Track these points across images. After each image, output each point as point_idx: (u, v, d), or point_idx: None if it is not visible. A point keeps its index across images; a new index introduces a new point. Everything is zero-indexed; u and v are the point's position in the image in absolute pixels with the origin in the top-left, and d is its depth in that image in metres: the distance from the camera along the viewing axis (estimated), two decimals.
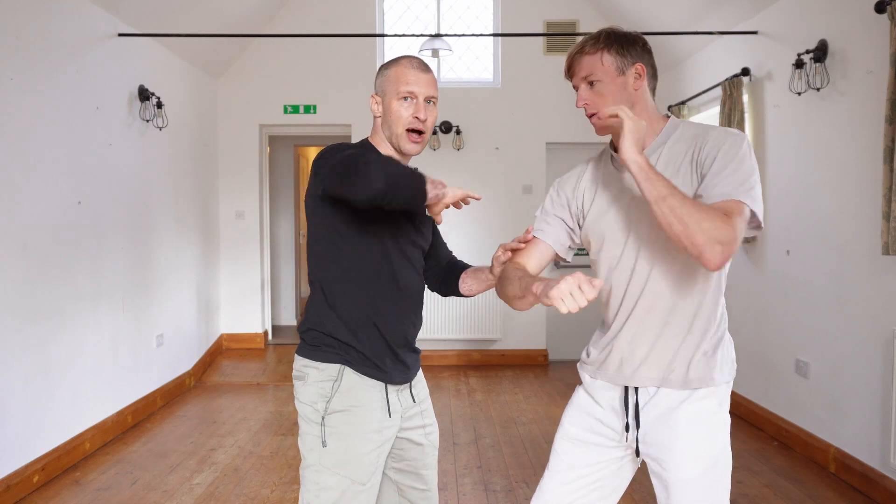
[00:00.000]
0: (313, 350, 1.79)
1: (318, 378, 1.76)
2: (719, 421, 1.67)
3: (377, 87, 1.84)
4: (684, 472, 1.64)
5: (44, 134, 3.65)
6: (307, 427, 1.77)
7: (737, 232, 1.45)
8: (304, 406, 1.78)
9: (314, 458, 1.75)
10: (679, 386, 1.66)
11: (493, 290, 6.47)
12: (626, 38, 1.68)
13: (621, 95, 1.66)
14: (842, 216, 3.61)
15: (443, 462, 3.91)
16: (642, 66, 1.67)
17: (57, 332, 3.74)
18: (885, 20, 3.18)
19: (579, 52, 1.70)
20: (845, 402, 3.59)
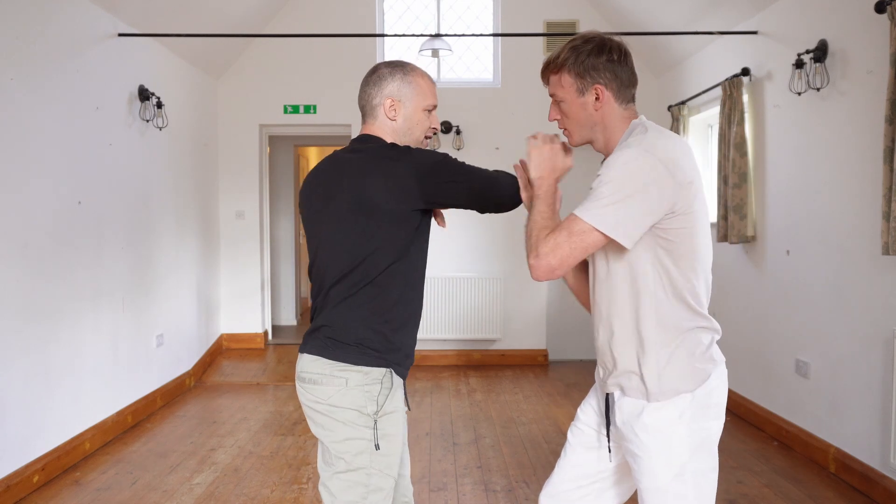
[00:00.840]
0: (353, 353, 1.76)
1: (364, 381, 1.75)
2: (680, 433, 1.63)
3: (395, 93, 1.85)
4: (648, 481, 1.67)
5: (44, 134, 3.65)
6: (351, 431, 1.75)
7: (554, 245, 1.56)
8: (345, 411, 1.75)
9: (364, 461, 1.74)
10: (635, 395, 1.68)
11: (493, 289, 6.47)
12: (587, 55, 1.65)
13: (582, 115, 1.70)
14: (842, 216, 3.60)
15: (443, 462, 3.91)
16: (601, 88, 1.66)
17: (57, 331, 3.74)
18: (885, 20, 3.18)
19: (545, 69, 1.74)
20: (845, 402, 3.59)
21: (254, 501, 3.35)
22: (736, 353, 4.71)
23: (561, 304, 6.70)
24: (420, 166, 1.74)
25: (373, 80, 1.88)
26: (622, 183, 1.54)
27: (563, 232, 1.57)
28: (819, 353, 3.82)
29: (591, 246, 1.57)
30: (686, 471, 1.64)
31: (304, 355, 1.82)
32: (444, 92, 6.53)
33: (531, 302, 6.62)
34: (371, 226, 1.75)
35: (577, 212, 1.57)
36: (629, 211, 1.54)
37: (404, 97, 1.85)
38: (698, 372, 1.65)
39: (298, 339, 7.32)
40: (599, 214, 1.54)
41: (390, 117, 1.86)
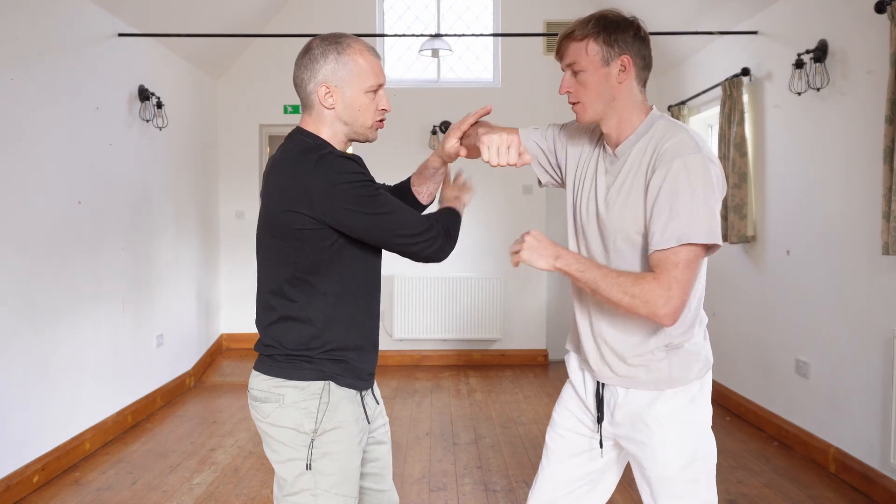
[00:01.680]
0: (288, 368, 1.66)
1: (300, 397, 1.64)
2: (692, 417, 1.67)
3: (330, 78, 1.65)
4: (663, 470, 1.67)
5: (44, 134, 3.65)
6: (290, 452, 1.64)
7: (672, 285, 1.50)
8: (283, 430, 1.65)
9: (307, 483, 1.63)
10: (645, 387, 1.67)
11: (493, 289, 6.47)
12: (616, 26, 1.60)
13: (603, 87, 1.62)
14: (842, 216, 3.60)
15: (443, 462, 3.91)
16: (628, 59, 1.60)
17: (57, 331, 3.74)
18: (885, 20, 3.18)
19: (568, 37, 1.65)
20: (845, 402, 3.59)
21: (254, 501, 3.35)
22: (736, 353, 4.72)
23: (561, 304, 6.70)
24: (316, 184, 1.56)
25: (304, 62, 1.69)
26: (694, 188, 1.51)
27: (677, 267, 1.50)
28: (819, 353, 3.82)
29: (700, 262, 1.55)
30: (697, 456, 1.66)
31: (252, 371, 1.76)
32: (444, 92, 6.55)
33: (531, 302, 6.62)
34: (276, 241, 1.65)
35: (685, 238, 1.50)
36: (710, 213, 1.52)
37: (341, 81, 1.65)
38: (706, 359, 1.70)
39: None
40: (696, 229, 1.50)
41: (327, 106, 1.67)
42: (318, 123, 1.70)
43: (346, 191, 1.57)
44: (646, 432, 1.66)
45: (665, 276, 1.50)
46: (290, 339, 1.67)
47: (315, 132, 1.71)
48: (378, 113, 1.72)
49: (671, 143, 1.55)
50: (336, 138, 1.72)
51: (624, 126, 1.65)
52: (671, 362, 1.64)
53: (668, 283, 1.50)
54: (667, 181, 1.52)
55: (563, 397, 1.87)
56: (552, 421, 1.86)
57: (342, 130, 1.71)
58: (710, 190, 1.52)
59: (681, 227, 1.49)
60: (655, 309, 1.50)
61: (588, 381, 1.80)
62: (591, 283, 1.56)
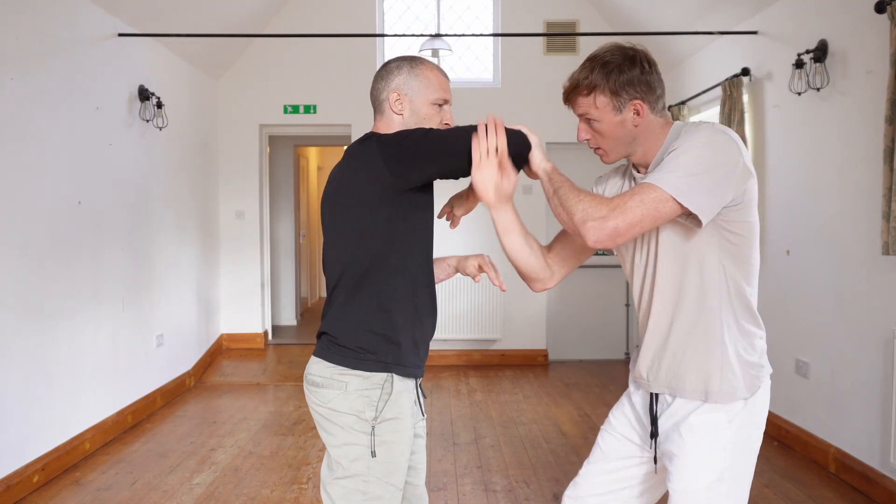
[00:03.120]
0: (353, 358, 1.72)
1: (363, 386, 1.70)
2: (728, 438, 1.61)
3: (402, 87, 1.79)
4: (684, 483, 1.64)
5: (44, 134, 3.65)
6: (349, 436, 1.71)
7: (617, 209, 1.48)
8: (344, 415, 1.71)
9: (360, 468, 1.70)
10: (690, 396, 1.65)
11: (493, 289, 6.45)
12: (619, 71, 1.58)
13: (621, 132, 1.63)
14: (842, 216, 3.60)
15: (443, 462, 3.91)
16: (640, 104, 1.60)
17: (57, 331, 3.74)
18: (885, 20, 3.18)
19: (572, 91, 1.66)
20: (845, 402, 3.59)
21: (254, 501, 3.35)
22: None
23: (561, 304, 6.71)
24: (383, 144, 1.66)
25: (381, 74, 1.84)
26: (701, 156, 1.49)
27: (634, 197, 1.48)
28: (819, 353, 3.82)
29: (665, 216, 1.49)
30: (724, 477, 1.61)
31: (312, 357, 1.80)
32: None
33: (531, 302, 6.62)
34: (356, 220, 1.71)
35: (652, 180, 1.49)
36: (707, 185, 1.48)
37: (411, 90, 1.79)
38: (754, 379, 1.64)
39: (298, 340, 7.34)
40: (678, 185, 1.47)
41: (396, 111, 1.80)
42: (386, 129, 1.82)
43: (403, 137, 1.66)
44: (678, 443, 1.64)
45: (620, 198, 1.50)
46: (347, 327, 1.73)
47: None
48: (442, 126, 1.82)
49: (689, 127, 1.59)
50: None
51: (651, 150, 1.66)
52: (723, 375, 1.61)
53: (615, 203, 1.50)
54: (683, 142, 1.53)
55: (621, 400, 1.86)
56: (607, 421, 1.87)
57: None
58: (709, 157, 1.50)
59: (663, 172, 1.50)
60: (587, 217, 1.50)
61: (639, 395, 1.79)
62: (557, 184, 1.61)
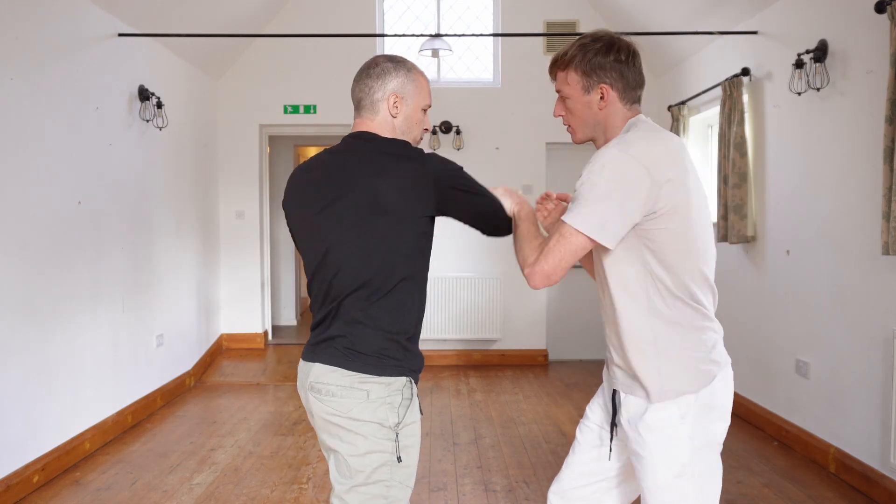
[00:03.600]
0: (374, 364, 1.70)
1: (385, 392, 1.70)
2: (683, 434, 1.64)
3: (399, 89, 1.81)
4: (649, 480, 1.68)
5: (44, 134, 3.65)
6: (372, 444, 1.69)
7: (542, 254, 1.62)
8: (367, 424, 1.69)
9: (384, 474, 1.70)
10: (639, 394, 1.69)
11: (493, 290, 6.46)
12: (594, 54, 1.65)
13: (587, 114, 1.71)
14: (842, 216, 3.60)
15: (443, 462, 3.91)
16: (607, 88, 1.67)
17: (57, 331, 3.74)
18: (885, 20, 3.18)
19: (553, 65, 1.75)
20: (845, 402, 3.59)
21: (254, 501, 3.35)
22: (736, 353, 4.70)
23: (561, 304, 6.70)
24: (440, 172, 1.73)
25: (375, 72, 1.81)
26: (598, 183, 1.56)
27: (553, 237, 1.62)
28: (819, 353, 3.82)
29: (579, 248, 1.59)
30: (685, 472, 1.64)
31: (318, 365, 1.73)
32: (444, 92, 6.54)
33: (531, 302, 6.62)
34: (385, 229, 1.69)
35: (564, 217, 1.61)
36: (607, 211, 1.56)
37: (407, 94, 1.82)
38: (702, 373, 1.65)
39: (298, 340, 7.33)
40: (581, 216, 1.57)
41: (393, 114, 1.81)
42: (383, 129, 1.83)
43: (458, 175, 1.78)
44: (639, 441, 1.68)
45: (546, 241, 1.65)
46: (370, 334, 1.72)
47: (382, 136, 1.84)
48: (423, 132, 1.91)
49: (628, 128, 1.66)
50: None
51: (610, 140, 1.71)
52: (662, 372, 1.64)
53: (544, 247, 1.63)
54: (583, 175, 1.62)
55: (596, 395, 1.92)
56: (585, 415, 1.92)
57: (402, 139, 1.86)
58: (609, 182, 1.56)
59: (572, 204, 1.61)
60: (524, 265, 1.67)
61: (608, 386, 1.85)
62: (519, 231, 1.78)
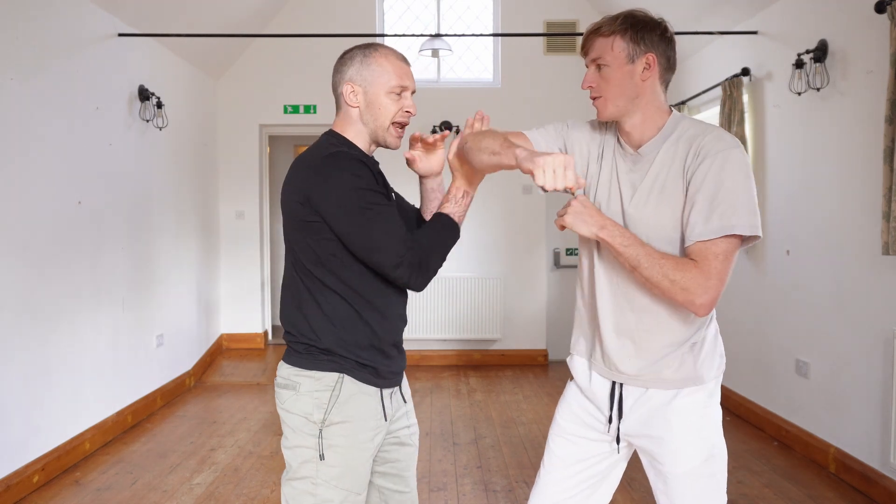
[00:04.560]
0: (307, 358, 1.71)
1: (314, 388, 1.69)
2: (710, 414, 1.69)
3: (355, 77, 1.74)
4: (681, 465, 1.66)
5: (44, 134, 3.65)
6: (299, 439, 1.70)
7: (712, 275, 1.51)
8: (295, 417, 1.70)
9: (309, 471, 1.68)
10: (666, 386, 1.67)
11: (493, 289, 6.45)
12: (643, 25, 1.62)
13: (626, 84, 1.62)
14: (842, 216, 3.60)
15: (443, 462, 3.91)
16: (653, 57, 1.61)
17: (57, 331, 3.74)
18: (885, 20, 3.18)
19: (594, 32, 1.66)
20: (845, 402, 3.59)
21: (254, 501, 3.35)
22: (736, 353, 4.71)
23: (561, 304, 6.70)
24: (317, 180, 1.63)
25: (336, 66, 1.78)
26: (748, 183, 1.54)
27: (717, 258, 1.52)
28: (819, 353, 3.82)
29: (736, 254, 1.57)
30: (715, 452, 1.68)
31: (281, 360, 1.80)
32: (443, 92, 6.54)
33: (531, 302, 6.62)
34: (291, 233, 1.72)
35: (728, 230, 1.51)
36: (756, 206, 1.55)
37: (364, 81, 1.73)
38: (723, 356, 1.73)
39: None
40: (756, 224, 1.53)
41: (351, 104, 1.75)
42: (345, 124, 1.78)
43: (340, 192, 1.62)
44: (664, 427, 1.66)
45: (706, 265, 1.52)
46: (306, 329, 1.72)
47: (342, 133, 1.79)
48: (401, 115, 1.76)
49: (709, 138, 1.58)
50: (360, 139, 1.78)
51: (648, 125, 1.66)
52: (697, 359, 1.67)
53: (708, 272, 1.52)
54: (710, 173, 1.54)
55: (566, 400, 1.84)
56: (556, 424, 1.84)
57: (364, 131, 1.78)
58: (751, 183, 1.55)
59: (724, 217, 1.51)
60: (693, 297, 1.52)
61: (598, 383, 1.77)
62: (633, 260, 1.55)
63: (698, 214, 1.54)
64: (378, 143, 1.81)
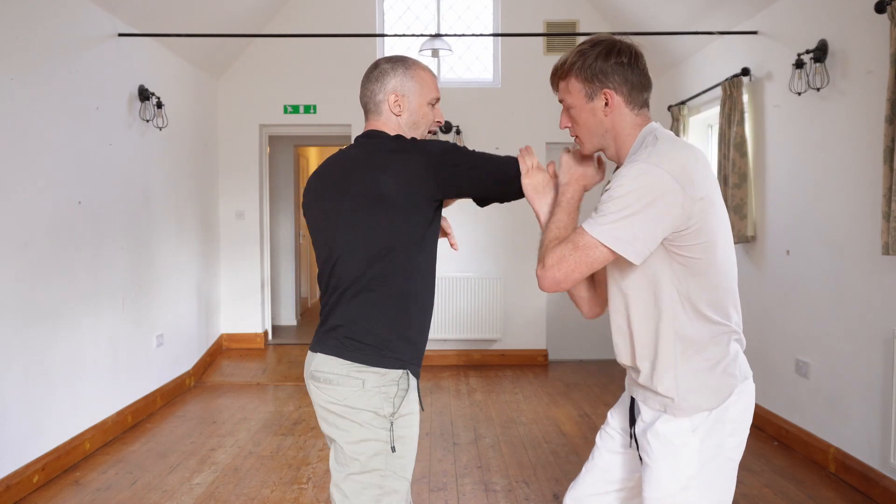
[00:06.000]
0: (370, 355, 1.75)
1: (381, 382, 1.74)
2: (692, 447, 1.59)
3: (399, 88, 1.85)
4: (652, 491, 1.63)
5: (44, 134, 3.65)
6: (367, 433, 1.73)
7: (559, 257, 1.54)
8: (362, 412, 1.73)
9: (379, 463, 1.73)
10: (653, 406, 1.66)
11: (493, 290, 6.46)
12: (594, 58, 1.60)
13: (592, 122, 1.65)
14: (842, 216, 3.61)
15: (443, 462, 3.91)
16: (610, 93, 1.60)
17: (57, 332, 3.74)
18: (885, 20, 3.18)
19: (553, 75, 1.70)
20: (845, 402, 3.59)
21: (254, 501, 3.35)
22: None
23: (561, 304, 6.70)
24: (431, 155, 1.74)
25: (374, 75, 1.86)
26: (630, 198, 1.49)
27: (568, 244, 1.54)
28: (819, 353, 3.82)
29: (597, 261, 1.53)
30: (691, 485, 1.59)
31: (319, 355, 1.79)
32: (443, 92, 6.53)
33: (531, 302, 6.62)
34: (388, 220, 1.73)
35: (585, 225, 1.54)
36: (637, 227, 1.48)
37: (408, 91, 1.85)
38: (720, 389, 1.61)
39: (298, 340, 7.33)
40: (607, 230, 1.50)
41: (395, 113, 1.85)
42: (385, 128, 1.86)
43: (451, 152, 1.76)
44: (647, 451, 1.65)
45: (562, 246, 1.56)
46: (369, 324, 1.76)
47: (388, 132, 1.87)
48: (434, 124, 1.92)
49: (640, 153, 1.56)
50: None
51: (623, 149, 1.66)
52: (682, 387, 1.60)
53: (559, 253, 1.55)
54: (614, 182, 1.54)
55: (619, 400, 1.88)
56: (606, 420, 1.88)
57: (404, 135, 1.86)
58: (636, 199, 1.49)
59: (597, 215, 1.54)
60: (538, 269, 1.58)
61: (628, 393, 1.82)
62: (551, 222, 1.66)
63: None
64: None
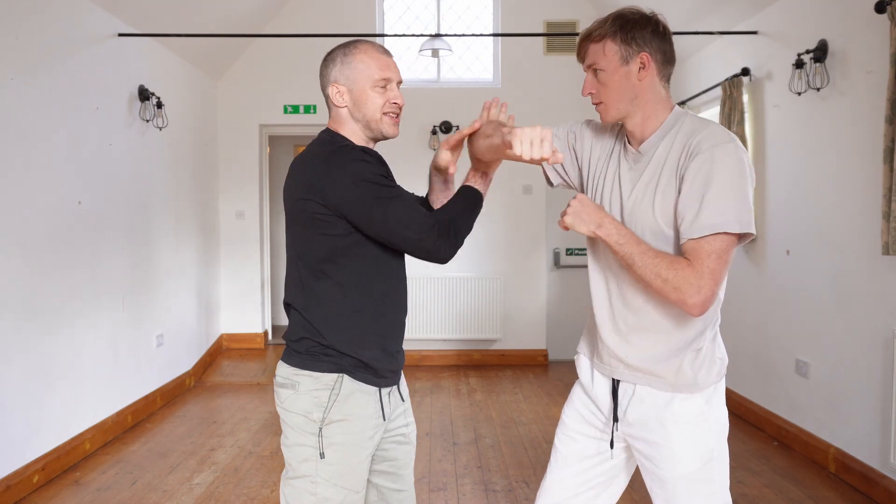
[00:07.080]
0: (306, 358, 1.72)
1: (313, 387, 1.70)
2: (709, 419, 1.66)
3: (338, 77, 1.75)
4: (678, 469, 1.65)
5: (44, 134, 3.65)
6: (299, 437, 1.71)
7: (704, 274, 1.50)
8: (295, 416, 1.72)
9: (309, 469, 1.70)
10: (660, 387, 1.66)
11: (493, 289, 6.46)
12: (633, 24, 1.60)
13: (624, 86, 1.62)
14: (842, 216, 3.61)
15: (443, 462, 3.91)
16: (647, 56, 1.59)
17: (57, 331, 3.74)
18: (885, 20, 3.18)
19: (586, 38, 1.66)
20: (845, 402, 3.59)
21: (254, 501, 3.35)
22: (736, 353, 4.71)
23: (561, 304, 6.70)
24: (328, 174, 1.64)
25: (320, 68, 1.79)
26: (741, 180, 1.51)
27: (710, 257, 1.50)
28: (819, 353, 3.82)
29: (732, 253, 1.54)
30: (714, 456, 1.66)
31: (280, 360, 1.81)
32: (443, 92, 6.55)
33: (531, 302, 6.62)
34: (297, 230, 1.72)
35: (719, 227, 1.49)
36: (749, 203, 1.52)
37: (347, 79, 1.74)
38: (723, 358, 1.70)
39: None
40: (746, 221, 1.50)
41: (338, 104, 1.76)
42: (337, 124, 1.79)
43: (356, 182, 1.63)
44: (660, 432, 1.65)
45: (698, 264, 1.50)
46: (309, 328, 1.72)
47: (336, 129, 1.80)
48: (389, 106, 1.75)
49: (704, 134, 1.56)
50: (356, 136, 1.79)
51: (649, 122, 1.65)
52: (695, 366, 1.64)
53: (700, 271, 1.50)
54: (701, 170, 1.52)
55: (572, 399, 1.86)
56: (562, 422, 1.85)
57: (357, 128, 1.78)
58: (745, 179, 1.52)
59: (715, 215, 1.49)
60: (685, 297, 1.50)
61: (600, 382, 1.78)
62: (628, 258, 1.56)
63: (689, 211, 1.53)
64: (376, 137, 1.81)
